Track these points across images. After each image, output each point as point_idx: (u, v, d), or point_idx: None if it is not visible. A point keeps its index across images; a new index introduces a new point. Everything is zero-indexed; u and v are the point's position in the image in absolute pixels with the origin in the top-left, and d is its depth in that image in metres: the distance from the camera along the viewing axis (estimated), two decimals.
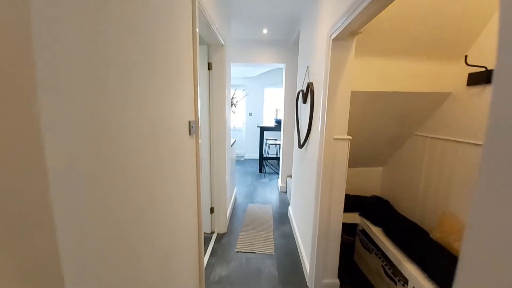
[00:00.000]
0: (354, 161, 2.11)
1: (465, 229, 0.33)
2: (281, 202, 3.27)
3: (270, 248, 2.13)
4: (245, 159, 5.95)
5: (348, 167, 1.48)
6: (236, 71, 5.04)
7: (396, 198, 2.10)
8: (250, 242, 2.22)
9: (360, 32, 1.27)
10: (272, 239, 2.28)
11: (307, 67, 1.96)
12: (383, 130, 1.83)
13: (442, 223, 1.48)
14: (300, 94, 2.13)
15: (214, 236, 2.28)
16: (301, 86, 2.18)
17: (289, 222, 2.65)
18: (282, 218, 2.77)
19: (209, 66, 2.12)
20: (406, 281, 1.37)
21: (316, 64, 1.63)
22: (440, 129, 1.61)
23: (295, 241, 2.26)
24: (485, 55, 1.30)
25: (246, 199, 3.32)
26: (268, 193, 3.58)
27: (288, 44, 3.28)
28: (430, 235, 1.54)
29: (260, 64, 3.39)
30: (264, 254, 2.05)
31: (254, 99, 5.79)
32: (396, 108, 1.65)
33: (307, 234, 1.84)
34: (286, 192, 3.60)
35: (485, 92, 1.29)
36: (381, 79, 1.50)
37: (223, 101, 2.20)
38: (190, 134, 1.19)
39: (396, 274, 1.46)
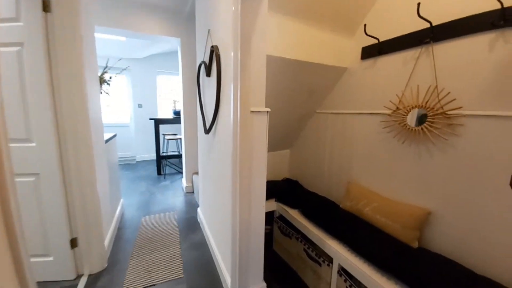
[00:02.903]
0: None
1: None
2: (188, 205, 2.73)
3: (177, 270, 1.60)
4: (136, 161, 4.78)
5: None
6: (109, 45, 3.65)
7: (304, 177, 2.15)
8: (147, 271, 1.58)
9: None
10: (179, 256, 1.75)
11: (208, 30, 1.56)
12: (293, 106, 1.75)
13: (349, 192, 1.55)
14: (202, 66, 1.71)
15: (82, 282, 1.44)
16: (203, 57, 1.76)
17: (200, 228, 2.19)
18: (190, 224, 2.26)
19: (46, 6, 1.25)
20: (331, 260, 1.31)
21: (222, 21, 1.27)
22: (340, 104, 1.71)
23: (209, 249, 1.84)
24: (376, 28, 1.40)
25: (139, 212, 2.52)
26: (170, 198, 2.93)
27: (182, 15, 2.73)
28: (341, 206, 1.60)
29: (144, 34, 2.62)
30: (169, 281, 1.50)
31: (144, 87, 4.72)
32: (307, 81, 1.58)
33: (223, 235, 1.48)
34: (193, 192, 3.08)
35: (377, 64, 1.41)
36: (294, 45, 1.35)
37: (80, 69, 1.38)
38: None
39: (320, 255, 1.39)
